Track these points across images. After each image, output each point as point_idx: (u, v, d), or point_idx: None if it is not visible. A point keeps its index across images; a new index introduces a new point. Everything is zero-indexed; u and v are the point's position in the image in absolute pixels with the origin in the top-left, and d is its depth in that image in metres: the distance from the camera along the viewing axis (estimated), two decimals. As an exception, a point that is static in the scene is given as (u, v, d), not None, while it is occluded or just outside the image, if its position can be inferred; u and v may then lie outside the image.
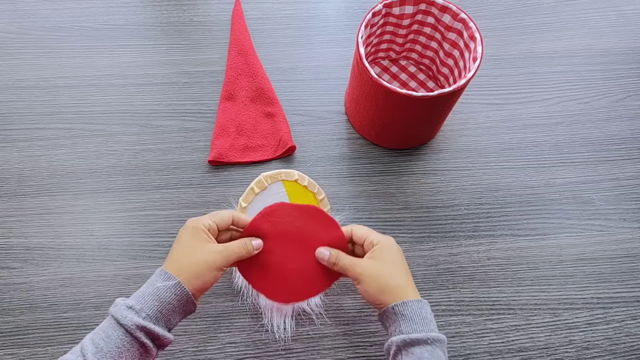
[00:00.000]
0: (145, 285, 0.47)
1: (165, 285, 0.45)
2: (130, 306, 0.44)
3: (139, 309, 0.44)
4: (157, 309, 0.44)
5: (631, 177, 0.74)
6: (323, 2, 0.89)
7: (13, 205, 0.69)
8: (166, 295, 0.45)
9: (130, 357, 0.43)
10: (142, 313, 0.44)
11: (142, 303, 0.44)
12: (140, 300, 0.45)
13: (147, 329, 0.43)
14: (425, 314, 0.48)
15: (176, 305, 0.46)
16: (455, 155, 0.75)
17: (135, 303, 0.44)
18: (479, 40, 0.63)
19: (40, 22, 0.85)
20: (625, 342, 0.63)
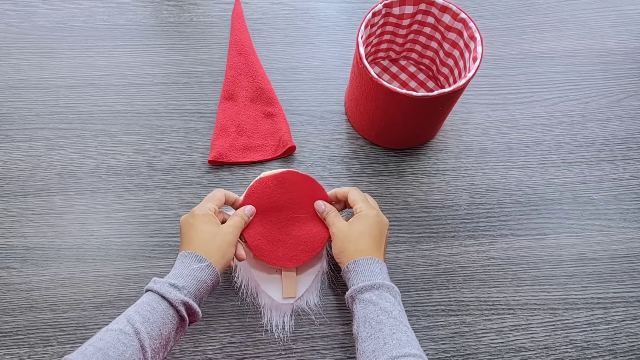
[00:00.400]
0: (178, 266, 0.52)
1: (200, 267, 0.52)
2: (172, 284, 0.49)
3: (181, 286, 0.49)
4: (196, 288, 0.50)
5: (631, 177, 0.74)
6: (323, 2, 0.89)
7: (13, 205, 0.69)
8: (202, 275, 0.51)
9: (170, 328, 0.48)
10: (183, 290, 0.49)
11: (182, 282, 0.50)
12: (180, 279, 0.50)
13: (188, 304, 0.49)
14: (374, 268, 0.54)
15: (209, 284, 0.52)
16: (455, 155, 0.75)
17: (176, 281, 0.50)
18: (479, 40, 0.63)
19: (40, 22, 0.85)
20: (625, 342, 0.63)
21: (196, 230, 0.55)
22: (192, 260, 0.52)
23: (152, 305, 0.48)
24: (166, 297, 0.48)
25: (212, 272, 0.52)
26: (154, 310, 0.47)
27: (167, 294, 0.48)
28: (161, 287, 0.49)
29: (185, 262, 0.52)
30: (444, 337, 0.63)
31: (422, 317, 0.64)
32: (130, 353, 0.44)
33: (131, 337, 0.45)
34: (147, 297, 0.49)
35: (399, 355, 0.46)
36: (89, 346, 0.44)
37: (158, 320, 0.47)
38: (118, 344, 0.44)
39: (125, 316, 0.47)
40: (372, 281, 0.52)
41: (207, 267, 0.52)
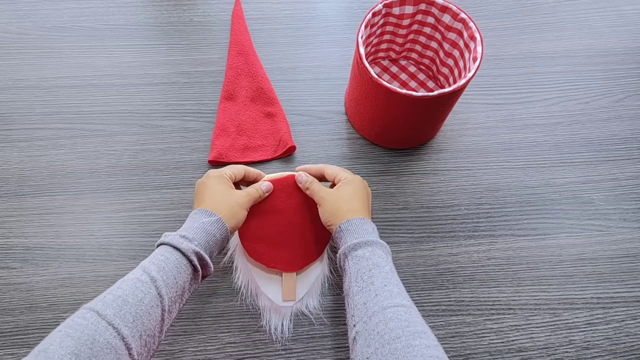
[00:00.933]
0: (188, 221, 0.53)
1: (210, 220, 0.52)
2: (183, 235, 0.50)
3: (191, 238, 0.50)
4: (205, 240, 0.51)
5: (631, 177, 0.74)
6: (323, 2, 0.89)
7: (13, 205, 0.69)
8: (211, 228, 0.52)
9: (184, 278, 0.49)
10: (194, 242, 0.50)
11: (192, 234, 0.51)
12: (190, 232, 0.51)
13: (200, 254, 0.50)
14: (367, 227, 0.54)
15: (219, 238, 0.53)
16: (455, 155, 0.75)
17: (187, 233, 0.50)
18: (479, 40, 0.63)
19: (40, 22, 0.85)
20: (625, 342, 0.63)
21: (209, 190, 0.56)
22: (202, 215, 0.53)
23: (166, 255, 0.48)
24: (178, 248, 0.49)
25: (221, 226, 0.53)
26: (167, 260, 0.48)
27: (179, 244, 0.49)
28: (172, 238, 0.50)
29: (195, 217, 0.53)
30: (444, 337, 0.63)
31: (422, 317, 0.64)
32: (149, 299, 0.45)
33: (148, 285, 0.45)
34: (160, 250, 0.49)
35: (390, 306, 0.46)
36: (107, 294, 0.44)
37: (172, 269, 0.48)
38: (136, 291, 0.45)
39: (141, 267, 0.47)
40: (366, 238, 0.53)
41: (217, 221, 0.53)
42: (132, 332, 0.42)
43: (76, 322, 0.41)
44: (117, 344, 0.40)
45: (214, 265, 0.53)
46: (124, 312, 0.42)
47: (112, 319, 0.41)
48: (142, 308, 0.44)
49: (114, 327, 0.41)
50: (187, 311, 0.63)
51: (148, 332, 0.44)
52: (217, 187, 0.57)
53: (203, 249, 0.51)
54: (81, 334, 0.39)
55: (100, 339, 0.40)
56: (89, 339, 0.39)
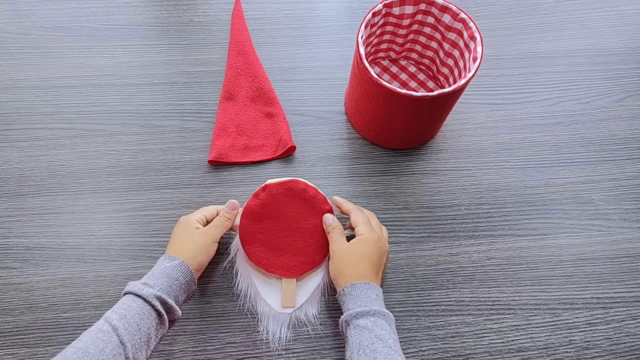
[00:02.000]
0: (153, 268, 0.54)
1: (172, 265, 0.53)
2: (144, 282, 0.51)
3: (152, 284, 0.51)
4: (167, 284, 0.52)
5: (631, 177, 0.74)
6: (323, 2, 0.89)
7: (13, 205, 0.69)
8: (173, 272, 0.53)
9: (148, 324, 0.49)
10: (155, 287, 0.51)
11: (154, 280, 0.51)
12: (152, 278, 0.52)
13: (162, 299, 0.50)
14: (371, 294, 0.54)
15: (182, 281, 0.53)
16: (455, 155, 0.75)
17: (148, 280, 0.51)
18: (479, 40, 0.63)
19: (40, 22, 0.85)
20: (625, 342, 0.63)
21: (175, 236, 0.58)
22: (164, 260, 0.54)
23: (128, 303, 0.49)
24: (140, 294, 0.49)
25: (184, 270, 0.53)
26: (129, 308, 0.48)
27: (140, 291, 0.50)
28: (134, 287, 0.50)
29: (158, 264, 0.55)
30: (444, 337, 0.63)
31: (422, 317, 0.64)
32: (110, 349, 0.45)
33: (109, 334, 0.46)
34: (123, 299, 0.50)
35: None
36: (69, 348, 0.45)
37: (135, 316, 0.48)
38: (97, 342, 0.45)
39: (104, 318, 0.48)
40: (369, 307, 0.52)
41: (179, 265, 0.53)
42: None
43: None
44: None
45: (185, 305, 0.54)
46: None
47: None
48: (103, 358, 0.44)
49: None
50: (188, 311, 0.63)
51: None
52: (182, 232, 0.58)
53: (166, 294, 0.51)
54: None
55: None
56: None
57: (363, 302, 0.52)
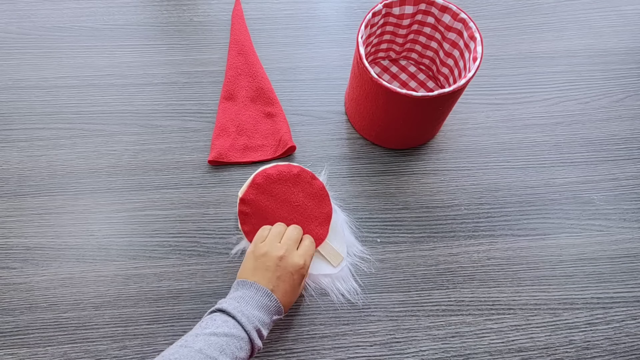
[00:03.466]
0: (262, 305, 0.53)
1: (277, 319, 0.55)
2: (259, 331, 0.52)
3: (263, 335, 0.52)
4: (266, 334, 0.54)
5: (631, 177, 0.74)
6: (323, 2, 0.89)
7: (13, 205, 0.69)
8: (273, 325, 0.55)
9: None
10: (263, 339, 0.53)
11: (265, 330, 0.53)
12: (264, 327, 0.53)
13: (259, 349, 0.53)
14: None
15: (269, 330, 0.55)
16: (455, 155, 0.75)
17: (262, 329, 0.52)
18: (479, 40, 0.63)
19: (40, 22, 0.85)
20: (625, 342, 0.63)
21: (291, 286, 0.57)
22: (274, 309, 0.54)
23: (241, 344, 0.50)
24: (253, 343, 0.51)
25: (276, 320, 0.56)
26: (241, 350, 0.49)
27: (255, 340, 0.51)
28: (252, 331, 0.51)
29: (270, 309, 0.54)
30: (444, 337, 0.63)
31: (422, 317, 0.64)
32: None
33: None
34: (237, 332, 0.50)
35: None
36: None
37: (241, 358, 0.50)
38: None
39: (219, 346, 0.48)
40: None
41: (279, 320, 0.57)
42: None
43: None
44: None
45: None
46: None
47: None
48: None
49: None
50: (187, 311, 0.63)
51: None
52: (298, 288, 0.58)
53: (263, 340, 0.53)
54: None
55: None
56: None
57: None
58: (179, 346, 0.48)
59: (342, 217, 0.69)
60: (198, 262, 0.66)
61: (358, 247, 0.67)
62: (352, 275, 0.65)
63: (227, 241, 0.68)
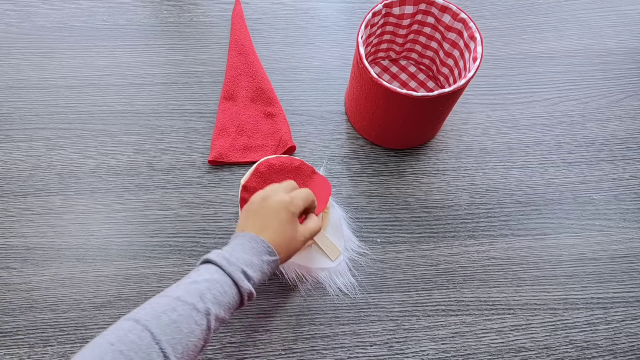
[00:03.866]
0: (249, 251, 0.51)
1: (269, 260, 0.51)
2: (245, 272, 0.49)
3: (250, 276, 0.49)
4: (260, 278, 0.51)
5: (631, 177, 0.74)
6: (323, 2, 0.89)
7: (13, 205, 0.69)
8: (267, 268, 0.51)
9: (232, 311, 0.49)
10: (252, 280, 0.49)
11: (252, 271, 0.50)
12: (251, 268, 0.50)
13: (252, 295, 0.50)
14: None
15: (268, 275, 0.52)
16: (455, 155, 0.75)
17: (248, 270, 0.49)
18: (479, 40, 0.63)
19: (40, 22, 0.85)
20: (625, 342, 0.63)
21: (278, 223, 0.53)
22: (264, 251, 0.51)
23: (224, 288, 0.48)
24: (238, 284, 0.48)
25: (275, 267, 0.52)
26: (224, 294, 0.47)
27: (240, 281, 0.48)
28: (235, 271, 0.48)
29: (257, 249, 0.51)
30: (444, 337, 0.63)
31: (422, 317, 0.64)
32: (199, 332, 0.45)
33: (202, 316, 0.45)
34: (218, 276, 0.48)
35: None
36: (162, 314, 0.44)
37: (226, 304, 0.47)
38: (190, 321, 0.44)
39: (198, 291, 0.46)
40: None
41: (275, 262, 0.52)
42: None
43: (130, 338, 0.40)
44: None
45: None
46: (175, 341, 0.43)
47: (165, 346, 0.42)
48: (192, 340, 0.44)
49: (165, 356, 0.41)
50: (187, 311, 0.63)
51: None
52: (287, 226, 0.53)
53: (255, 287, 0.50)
54: (135, 354, 0.40)
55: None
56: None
57: None
58: (158, 296, 0.47)
59: (339, 212, 0.69)
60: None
61: (355, 242, 0.67)
62: (350, 270, 0.66)
63: (227, 241, 0.67)
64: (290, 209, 0.53)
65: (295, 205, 0.54)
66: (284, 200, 0.54)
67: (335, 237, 0.66)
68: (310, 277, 0.65)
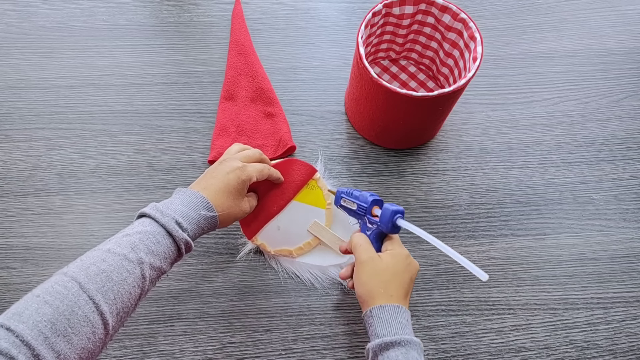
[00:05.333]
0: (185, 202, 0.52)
1: (206, 215, 0.52)
2: (179, 223, 0.49)
3: (185, 227, 0.50)
4: (196, 231, 0.51)
5: (631, 177, 0.74)
6: (323, 2, 0.89)
7: (13, 205, 0.69)
8: (205, 223, 0.52)
9: (169, 261, 0.49)
10: (186, 232, 0.50)
11: (187, 223, 0.50)
12: (186, 220, 0.50)
13: (189, 244, 0.50)
14: (401, 319, 0.49)
15: (206, 231, 0.53)
16: (455, 155, 0.75)
17: (182, 221, 0.50)
18: (479, 40, 0.63)
19: (40, 22, 0.85)
20: (625, 342, 0.63)
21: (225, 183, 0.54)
22: (202, 206, 0.52)
23: (157, 238, 0.48)
24: (172, 234, 0.48)
25: (213, 223, 0.53)
26: (158, 244, 0.47)
27: (174, 231, 0.48)
28: (168, 222, 0.48)
29: (194, 202, 0.52)
30: (444, 337, 0.63)
31: (422, 317, 0.64)
32: (132, 280, 0.44)
33: (134, 265, 0.45)
34: (151, 227, 0.48)
35: None
36: (91, 265, 0.43)
37: (160, 253, 0.47)
38: (121, 270, 0.44)
39: (130, 243, 0.46)
40: (401, 337, 0.47)
41: (212, 218, 0.52)
42: (110, 309, 0.42)
43: (56, 289, 0.40)
44: (95, 319, 0.40)
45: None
46: (106, 288, 0.42)
47: (94, 294, 0.41)
48: (125, 288, 0.44)
49: (94, 303, 0.41)
50: (187, 311, 0.63)
51: (125, 309, 0.44)
52: (233, 188, 0.54)
53: (192, 238, 0.51)
54: (60, 303, 0.39)
55: (79, 312, 0.39)
56: (67, 309, 0.39)
57: (393, 329, 0.48)
58: (90, 250, 0.46)
59: None
60: (198, 262, 0.66)
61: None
62: None
63: (227, 241, 0.68)
64: (240, 176, 0.55)
65: (247, 174, 0.56)
66: (236, 166, 0.56)
67: (341, 231, 0.66)
68: (323, 276, 0.65)
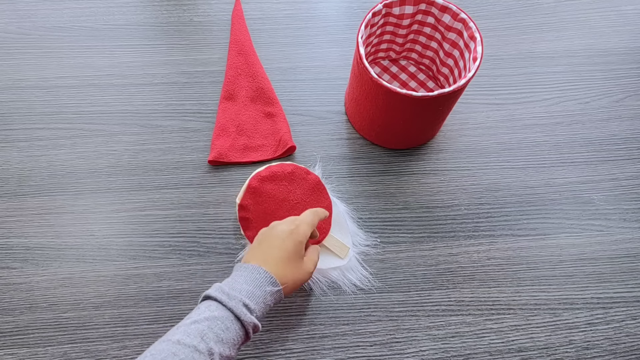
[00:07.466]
0: (250, 282, 0.50)
1: (272, 291, 0.50)
2: (246, 305, 0.48)
3: (252, 308, 0.48)
4: (263, 310, 0.50)
5: (631, 177, 0.74)
6: (323, 2, 0.89)
7: (13, 205, 0.69)
8: (271, 299, 0.51)
9: (238, 347, 0.48)
10: (254, 313, 0.48)
11: (254, 303, 0.49)
12: (253, 300, 0.49)
13: (257, 327, 0.49)
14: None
15: (272, 306, 0.52)
16: (455, 155, 0.75)
17: (249, 302, 0.48)
18: (479, 40, 0.63)
19: (40, 22, 0.85)
20: (625, 342, 0.63)
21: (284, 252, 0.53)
22: (266, 281, 0.50)
23: (226, 324, 0.46)
24: (241, 319, 0.47)
25: (278, 298, 0.51)
26: (227, 330, 0.46)
27: (241, 315, 0.47)
28: (236, 306, 0.47)
29: (258, 280, 0.50)
30: (444, 337, 0.63)
31: (422, 317, 0.64)
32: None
33: (204, 357, 0.44)
34: (219, 312, 0.47)
35: None
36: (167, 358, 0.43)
37: (230, 340, 0.46)
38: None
39: (199, 331, 0.45)
40: None
41: (278, 293, 0.51)
42: None
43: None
44: None
45: None
46: None
47: None
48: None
49: None
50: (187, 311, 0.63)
51: None
52: (292, 255, 0.53)
53: (259, 318, 0.49)
54: None
55: None
56: None
57: None
58: (158, 342, 0.46)
59: (342, 208, 0.69)
60: (198, 262, 0.66)
61: (361, 235, 0.68)
62: (361, 264, 0.66)
63: (227, 241, 0.68)
64: (297, 237, 0.53)
65: (302, 233, 0.54)
66: (289, 228, 0.54)
67: (342, 234, 0.66)
68: (323, 279, 0.65)
